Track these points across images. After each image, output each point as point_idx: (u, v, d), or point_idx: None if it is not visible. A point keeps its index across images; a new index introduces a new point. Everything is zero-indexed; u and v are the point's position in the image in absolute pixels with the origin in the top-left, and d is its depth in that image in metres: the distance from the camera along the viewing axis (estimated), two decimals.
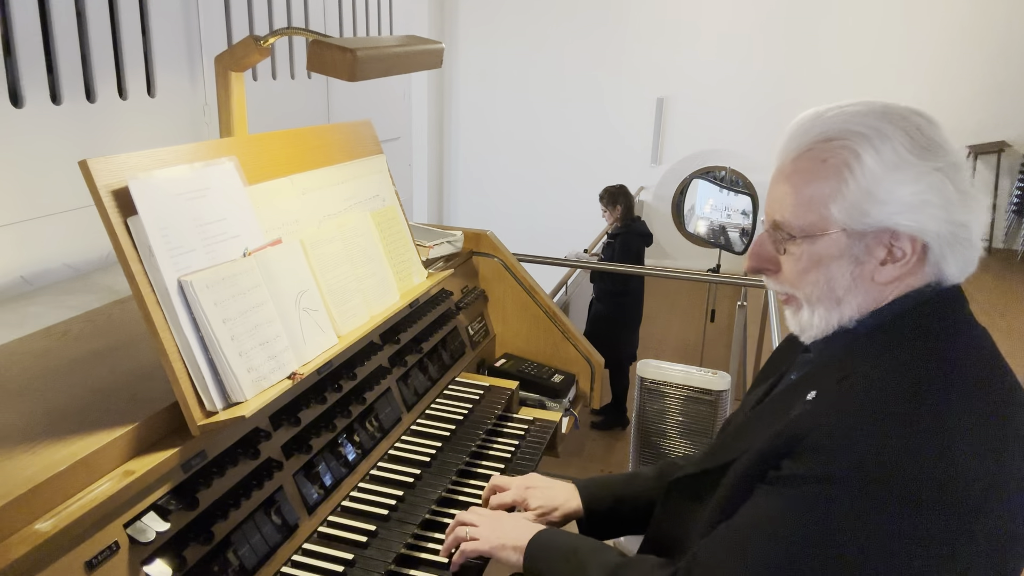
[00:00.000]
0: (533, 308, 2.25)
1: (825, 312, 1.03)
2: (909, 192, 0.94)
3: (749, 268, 1.11)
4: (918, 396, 0.90)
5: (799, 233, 1.01)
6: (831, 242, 0.99)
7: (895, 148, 0.95)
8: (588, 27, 8.47)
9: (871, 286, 1.00)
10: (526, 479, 1.46)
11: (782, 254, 1.05)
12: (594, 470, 4.74)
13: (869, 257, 0.99)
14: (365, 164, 1.78)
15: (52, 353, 1.39)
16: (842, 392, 0.95)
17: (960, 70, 7.76)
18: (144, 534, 1.03)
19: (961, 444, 0.87)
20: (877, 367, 0.95)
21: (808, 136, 1.01)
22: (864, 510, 0.86)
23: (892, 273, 0.99)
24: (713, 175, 6.66)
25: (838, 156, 0.97)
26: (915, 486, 0.85)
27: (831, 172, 0.97)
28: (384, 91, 3.98)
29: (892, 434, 0.88)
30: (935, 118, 1.00)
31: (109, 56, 2.25)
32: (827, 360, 1.05)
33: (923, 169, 0.95)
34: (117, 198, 1.12)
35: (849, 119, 0.98)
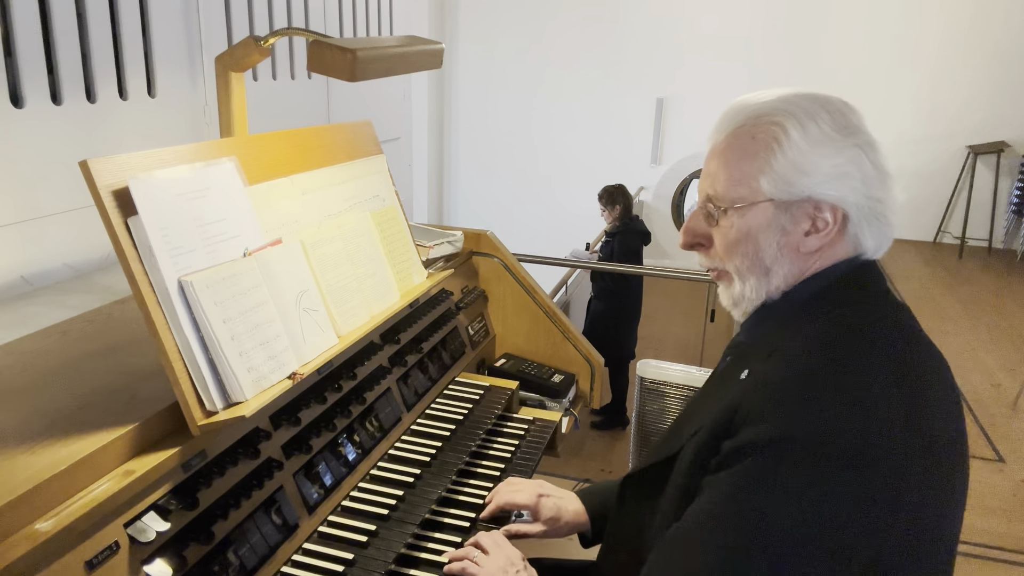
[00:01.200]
0: (533, 308, 2.25)
1: (755, 282, 1.08)
2: (831, 164, 1.01)
3: (684, 243, 1.17)
4: (836, 360, 0.95)
5: (730, 205, 1.07)
6: (760, 213, 1.05)
7: (819, 125, 1.02)
8: (588, 27, 8.48)
9: (796, 256, 1.06)
10: (538, 485, 1.48)
11: (714, 226, 1.11)
12: (594, 470, 4.74)
13: (795, 227, 1.04)
14: (365, 164, 1.78)
15: (52, 353, 1.39)
16: (768, 366, 0.99)
17: (960, 70, 7.76)
18: (144, 534, 1.03)
19: (883, 403, 0.91)
20: (799, 339, 1.01)
21: (740, 116, 1.07)
22: (799, 476, 0.88)
23: (815, 243, 1.04)
24: None
25: (767, 132, 1.04)
26: (843, 447, 0.88)
27: (760, 147, 1.04)
28: (384, 91, 3.99)
29: (816, 399, 0.91)
30: (854, 105, 1.07)
31: (109, 56, 2.25)
32: (755, 339, 1.11)
33: (843, 144, 1.02)
34: (117, 198, 1.12)
35: (777, 100, 1.05)
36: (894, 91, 7.81)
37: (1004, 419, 4.76)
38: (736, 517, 0.91)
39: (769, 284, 1.07)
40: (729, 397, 1.01)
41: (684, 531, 0.97)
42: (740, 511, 0.91)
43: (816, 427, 0.89)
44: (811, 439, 0.89)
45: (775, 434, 0.91)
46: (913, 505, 0.90)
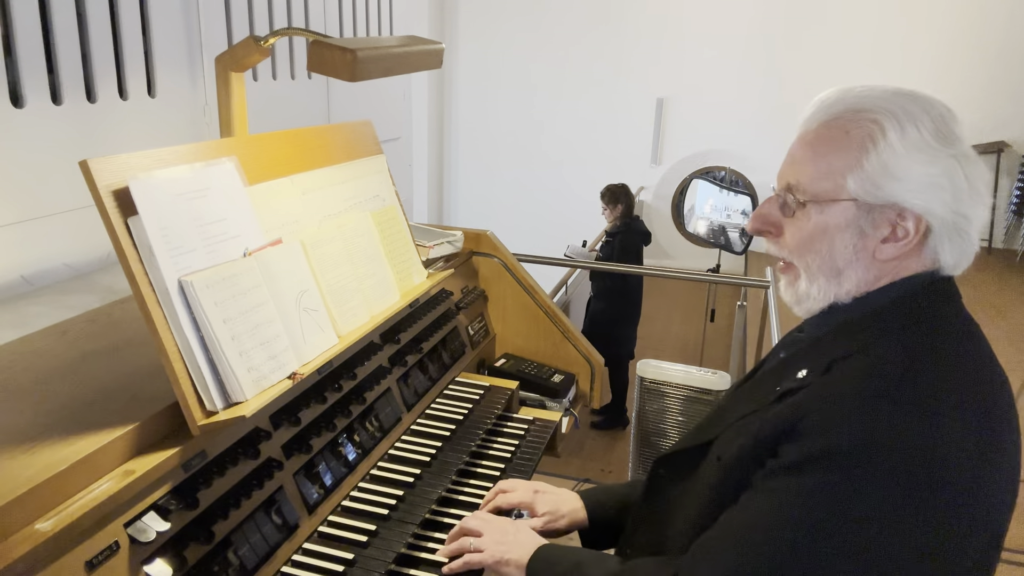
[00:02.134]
0: (533, 308, 2.25)
1: (825, 283, 1.04)
2: (924, 173, 0.97)
3: (752, 228, 1.12)
4: (909, 380, 0.92)
5: (811, 198, 1.03)
6: (840, 211, 1.01)
7: (919, 129, 0.97)
8: (588, 27, 8.47)
9: (871, 262, 1.02)
10: (534, 484, 1.47)
11: (789, 217, 1.06)
12: (594, 470, 4.74)
13: (874, 232, 1.00)
14: (365, 164, 1.78)
15: (52, 353, 1.39)
16: (834, 375, 0.96)
17: (960, 70, 7.76)
18: (144, 534, 1.03)
19: (951, 424, 0.89)
20: (870, 352, 0.97)
21: (836, 107, 1.02)
22: (863, 491, 0.88)
23: (892, 252, 1.00)
24: (713, 175, 6.66)
25: (863, 128, 0.99)
26: (908, 465, 0.87)
27: (854, 143, 0.99)
28: (384, 91, 3.98)
29: (884, 415, 0.89)
30: (957, 114, 1.02)
31: (109, 56, 2.25)
32: (819, 340, 1.06)
33: (941, 154, 0.97)
34: (117, 198, 1.12)
35: (878, 97, 1.00)
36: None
37: None
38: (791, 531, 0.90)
39: (839, 287, 1.03)
40: (784, 396, 0.99)
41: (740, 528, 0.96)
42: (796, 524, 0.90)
43: (878, 442, 0.88)
44: (872, 455, 0.88)
45: (839, 448, 0.89)
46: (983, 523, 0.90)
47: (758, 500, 0.96)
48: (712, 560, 0.98)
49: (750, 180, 6.39)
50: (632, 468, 3.13)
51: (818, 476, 0.90)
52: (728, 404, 1.18)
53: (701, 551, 1.00)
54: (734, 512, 0.99)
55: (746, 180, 6.40)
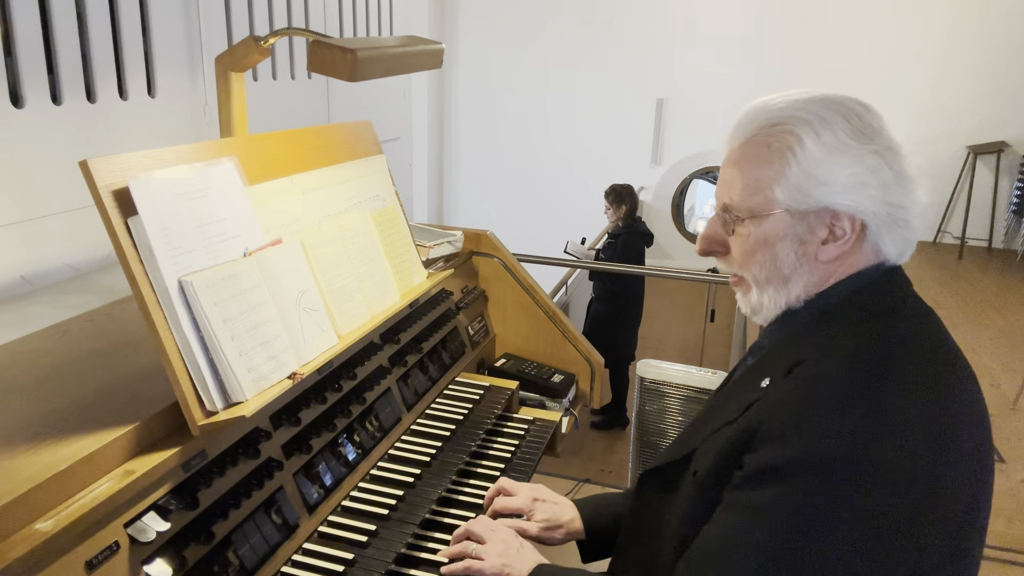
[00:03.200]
0: (533, 308, 2.25)
1: (774, 292, 1.07)
2: (848, 173, 0.99)
3: (700, 250, 1.16)
4: (862, 380, 0.93)
5: (746, 214, 1.06)
6: (776, 222, 1.04)
7: (834, 132, 1.00)
8: (588, 27, 8.47)
9: (815, 265, 1.04)
10: (534, 489, 1.46)
11: (731, 235, 1.10)
12: (594, 470, 4.74)
13: (812, 236, 1.03)
14: (365, 164, 1.78)
15: (52, 353, 1.39)
16: (792, 380, 0.98)
17: (960, 70, 7.76)
18: (144, 534, 1.03)
19: (908, 425, 0.90)
20: (824, 352, 0.98)
21: (754, 123, 1.06)
22: (821, 498, 0.89)
23: (833, 252, 1.03)
24: (713, 175, 6.66)
25: (782, 140, 1.02)
26: (867, 469, 0.88)
27: (775, 156, 1.02)
28: (384, 91, 3.99)
29: (840, 420, 0.90)
30: (873, 106, 1.05)
31: (109, 56, 2.25)
32: (777, 346, 1.09)
33: (861, 152, 1.00)
34: (117, 198, 1.12)
35: (791, 106, 1.03)
36: (894, 91, 7.81)
37: (1004, 419, 4.76)
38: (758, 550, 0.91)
39: (789, 293, 1.06)
40: (750, 406, 1.00)
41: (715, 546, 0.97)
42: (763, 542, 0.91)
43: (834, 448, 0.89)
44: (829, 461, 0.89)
45: (797, 458, 0.90)
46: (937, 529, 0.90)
47: (728, 515, 0.98)
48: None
49: None
50: (632, 468, 3.13)
51: (774, 488, 0.92)
52: (705, 414, 1.19)
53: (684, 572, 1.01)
54: (710, 529, 1.00)
55: None
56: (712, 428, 1.08)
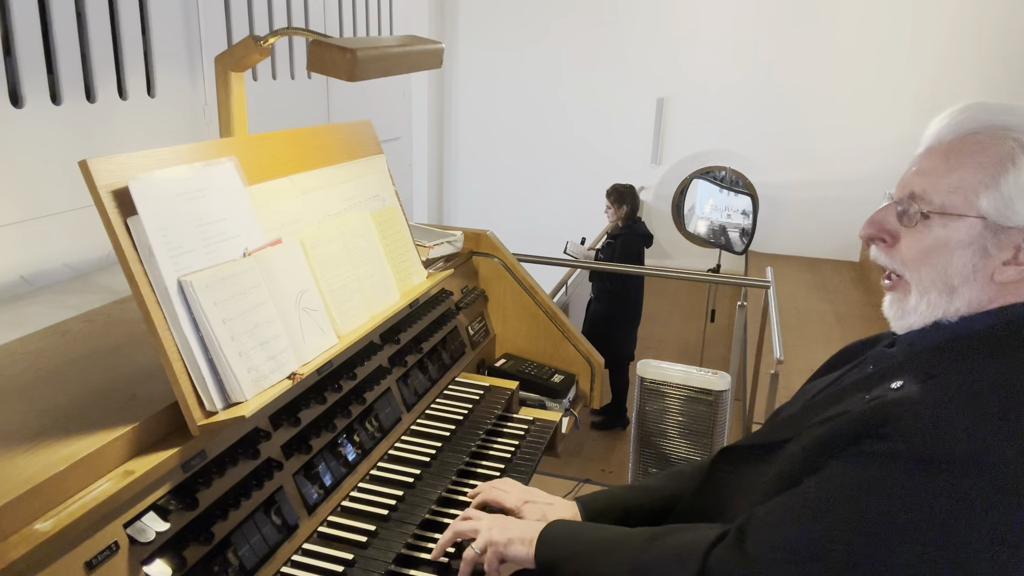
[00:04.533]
0: (533, 308, 2.25)
1: (936, 298, 1.01)
2: None
3: (864, 234, 1.08)
4: (1013, 398, 0.89)
5: (937, 210, 0.99)
6: (966, 227, 0.97)
7: None
8: (588, 27, 8.47)
9: (988, 284, 0.98)
10: (526, 492, 1.41)
11: (908, 227, 1.02)
12: (594, 470, 4.74)
13: (998, 253, 0.97)
14: (365, 164, 1.78)
15: (52, 353, 1.39)
16: (934, 386, 0.94)
17: (960, 70, 7.76)
18: (144, 534, 1.03)
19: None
20: (973, 371, 0.94)
21: (972, 122, 0.99)
22: (952, 497, 0.86)
23: (1013, 275, 0.97)
24: (713, 175, 6.66)
25: (1003, 147, 0.96)
26: (1005, 480, 0.85)
27: (991, 160, 0.96)
28: (384, 91, 3.98)
29: (985, 428, 0.87)
30: None
31: (109, 56, 2.25)
32: (917, 355, 1.03)
33: None
34: (117, 198, 1.12)
35: (1021, 115, 0.97)
36: (894, 91, 7.81)
37: None
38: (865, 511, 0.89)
39: (950, 304, 1.00)
40: (875, 400, 0.97)
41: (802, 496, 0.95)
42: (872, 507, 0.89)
43: (977, 453, 0.86)
44: (969, 465, 0.86)
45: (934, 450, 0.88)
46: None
47: (826, 478, 0.95)
48: (765, 523, 0.96)
49: (750, 180, 6.39)
50: (632, 468, 3.13)
51: (910, 470, 0.88)
52: (805, 411, 1.14)
53: (755, 517, 0.98)
54: (798, 488, 0.97)
55: (746, 180, 6.40)
56: (820, 418, 1.03)
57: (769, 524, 0.96)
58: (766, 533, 0.96)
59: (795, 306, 6.35)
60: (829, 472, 0.95)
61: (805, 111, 7.84)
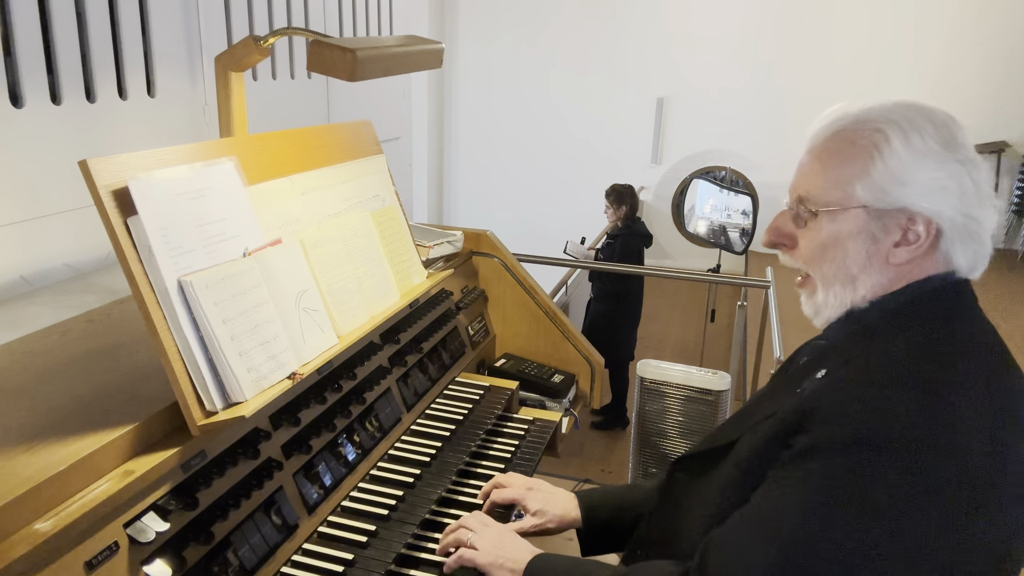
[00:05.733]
0: (533, 308, 2.25)
1: (840, 290, 1.06)
2: (930, 177, 1.00)
3: (766, 241, 1.15)
4: (925, 369, 0.94)
5: (822, 207, 1.05)
6: (851, 218, 1.04)
7: (922, 136, 1.00)
8: (588, 27, 8.47)
9: (885, 266, 1.04)
10: (529, 481, 1.47)
11: (802, 227, 1.09)
12: (594, 470, 4.74)
13: (885, 237, 1.03)
14: (365, 164, 1.78)
15: (52, 353, 1.39)
16: (851, 368, 0.98)
17: (960, 70, 7.76)
18: (144, 534, 1.03)
19: (968, 412, 0.90)
20: (887, 346, 0.99)
21: (841, 120, 1.06)
22: (877, 474, 0.88)
23: (905, 255, 1.03)
24: (713, 175, 6.66)
25: (869, 138, 1.02)
26: (925, 450, 0.88)
27: (860, 152, 1.02)
28: (384, 91, 3.98)
29: (900, 400, 0.90)
30: (961, 121, 1.05)
31: (109, 56, 2.25)
32: (838, 342, 1.08)
33: (945, 158, 1.00)
34: (117, 198, 1.12)
35: (881, 108, 1.04)
36: (895, 91, 7.80)
37: None
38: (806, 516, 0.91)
39: (855, 293, 1.06)
40: (801, 394, 1.01)
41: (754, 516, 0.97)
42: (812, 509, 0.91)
43: (893, 426, 0.89)
44: (888, 438, 0.89)
45: (853, 432, 0.91)
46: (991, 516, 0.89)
47: (769, 490, 0.98)
48: (723, 552, 0.98)
49: (750, 180, 6.38)
50: (632, 468, 3.13)
51: (825, 462, 0.91)
52: (748, 408, 1.20)
53: (712, 545, 1.00)
54: (748, 507, 1.00)
55: (746, 180, 6.40)
56: (758, 419, 1.07)
57: (728, 553, 0.98)
58: (724, 561, 0.98)
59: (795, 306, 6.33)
60: (769, 484, 0.98)
61: (805, 111, 7.81)
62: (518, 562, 1.23)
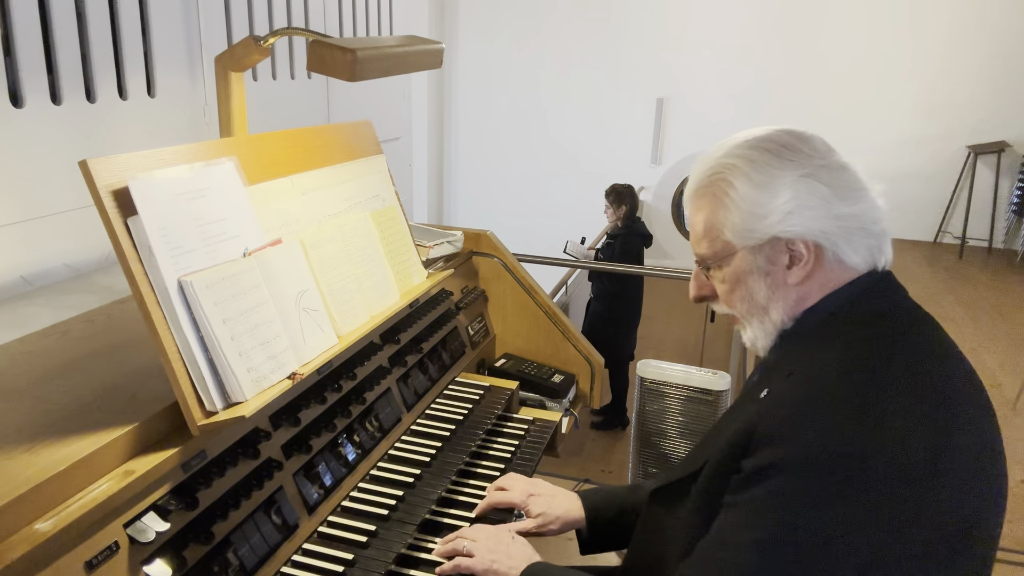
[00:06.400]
0: (533, 308, 2.25)
1: (759, 323, 1.13)
2: (783, 201, 1.05)
3: (694, 297, 1.23)
4: (851, 379, 0.96)
5: (713, 261, 1.14)
6: (739, 261, 1.10)
7: (761, 169, 1.06)
8: (588, 27, 8.47)
9: (788, 289, 1.09)
10: (530, 484, 1.47)
11: (710, 280, 1.18)
12: (594, 470, 4.74)
13: (774, 266, 1.08)
14: (365, 164, 1.78)
15: (52, 353, 1.39)
16: (787, 386, 1.01)
17: (960, 70, 7.76)
18: (144, 534, 1.03)
19: (898, 420, 0.91)
20: (816, 358, 1.02)
21: (696, 178, 1.15)
22: (816, 495, 0.90)
23: (800, 274, 1.07)
24: None
25: (718, 188, 1.10)
26: (860, 465, 0.89)
27: (717, 204, 1.10)
28: (384, 91, 3.99)
29: (832, 417, 0.92)
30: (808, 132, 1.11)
31: (109, 56, 2.25)
32: (776, 360, 1.13)
33: (791, 178, 1.05)
34: (117, 198, 1.12)
35: (723, 155, 1.11)
36: (894, 91, 7.81)
37: (1004, 419, 4.75)
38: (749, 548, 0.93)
39: (772, 320, 1.11)
40: (748, 416, 1.03)
41: (709, 549, 0.99)
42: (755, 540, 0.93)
43: (828, 444, 0.91)
44: (824, 458, 0.90)
45: (787, 456, 0.92)
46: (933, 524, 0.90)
47: (723, 517, 1.00)
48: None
49: None
50: (632, 469, 3.13)
51: (767, 485, 0.94)
52: (713, 433, 1.21)
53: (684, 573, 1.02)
54: (705, 538, 1.01)
55: None
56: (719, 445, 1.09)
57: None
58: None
59: None
60: (725, 512, 1.00)
61: (805, 111, 7.84)
62: (513, 568, 1.24)
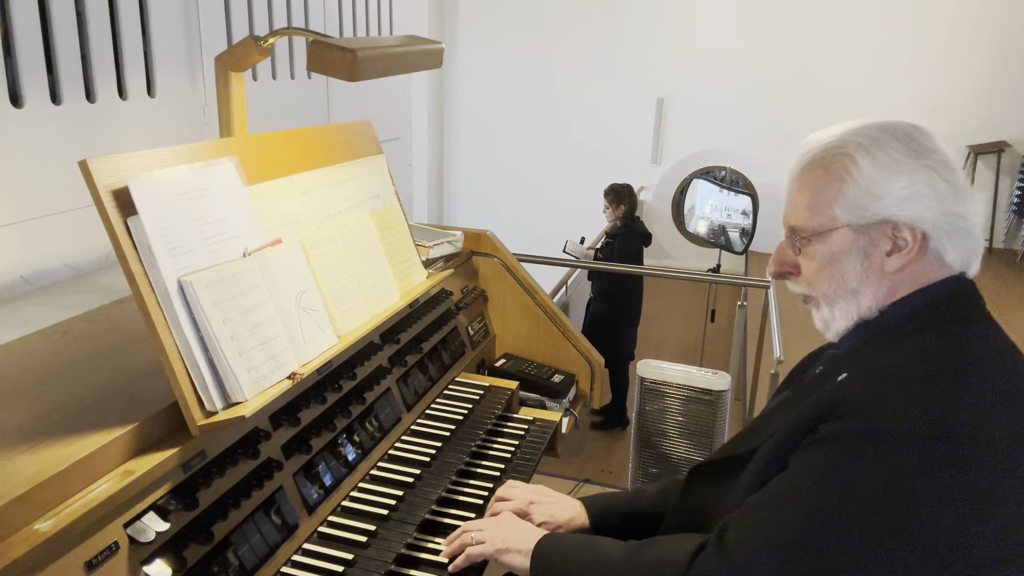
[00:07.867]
0: (533, 308, 2.25)
1: (844, 305, 1.13)
2: (902, 186, 1.06)
3: (773, 272, 1.21)
4: (945, 365, 0.99)
5: (811, 234, 1.13)
6: (839, 238, 1.10)
7: (886, 151, 1.08)
8: (588, 27, 8.47)
9: (882, 276, 1.10)
10: (532, 492, 1.45)
11: (799, 255, 1.17)
12: (594, 470, 4.74)
13: (875, 249, 1.09)
14: (365, 164, 1.78)
15: (52, 353, 1.39)
16: (872, 369, 1.03)
17: (961, 70, 7.76)
18: (144, 534, 1.03)
19: (988, 404, 0.95)
20: (903, 350, 1.04)
21: (812, 152, 1.14)
22: (896, 463, 0.93)
23: (898, 262, 1.08)
24: (713, 175, 6.66)
25: (838, 163, 1.10)
26: (944, 444, 0.92)
27: (833, 177, 1.10)
28: (384, 91, 3.98)
29: (924, 394, 0.96)
30: (927, 128, 1.12)
31: (109, 56, 2.25)
32: (855, 349, 1.13)
33: (913, 166, 1.07)
34: (117, 198, 1.12)
35: (846, 133, 1.12)
36: (895, 91, 7.81)
37: None
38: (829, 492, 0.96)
39: (859, 305, 1.11)
40: (818, 399, 1.04)
41: (773, 492, 1.02)
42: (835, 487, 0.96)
43: (920, 418, 0.93)
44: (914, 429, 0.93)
45: (881, 422, 0.95)
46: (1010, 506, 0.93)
47: (789, 472, 1.02)
48: (741, 526, 1.02)
49: (750, 180, 6.39)
50: (632, 469, 3.13)
51: (847, 446, 0.96)
52: (764, 419, 1.23)
53: (732, 521, 1.04)
54: (768, 487, 1.04)
55: (746, 180, 6.40)
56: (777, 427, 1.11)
57: (745, 525, 1.03)
58: (743, 534, 1.02)
59: (795, 306, 6.33)
60: (793, 466, 1.03)
61: (805, 111, 7.83)
62: (525, 542, 1.25)
